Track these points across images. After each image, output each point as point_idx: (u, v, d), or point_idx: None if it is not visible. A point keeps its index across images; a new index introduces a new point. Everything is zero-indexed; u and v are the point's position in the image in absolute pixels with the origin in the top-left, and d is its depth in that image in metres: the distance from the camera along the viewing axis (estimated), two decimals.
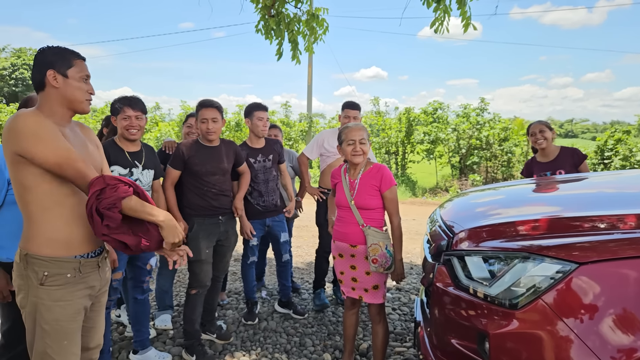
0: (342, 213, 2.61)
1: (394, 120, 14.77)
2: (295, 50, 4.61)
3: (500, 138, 13.07)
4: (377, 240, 2.44)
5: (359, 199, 2.51)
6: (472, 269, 1.74)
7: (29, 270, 1.61)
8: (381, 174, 2.51)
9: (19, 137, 1.52)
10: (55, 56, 1.66)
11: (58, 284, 1.63)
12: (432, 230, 2.28)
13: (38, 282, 1.60)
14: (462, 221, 2.04)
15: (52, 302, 1.62)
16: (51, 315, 1.62)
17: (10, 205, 2.03)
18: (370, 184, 2.51)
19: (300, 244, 6.08)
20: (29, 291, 1.62)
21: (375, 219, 2.52)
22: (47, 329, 1.62)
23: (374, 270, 2.46)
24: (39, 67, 1.65)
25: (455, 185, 12.89)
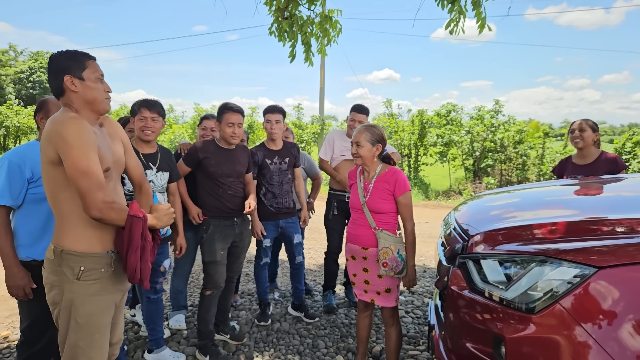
0: (355, 215, 2.60)
1: (406, 123, 14.70)
2: (308, 52, 4.63)
3: (515, 140, 12.91)
4: (388, 244, 2.43)
5: (372, 202, 2.50)
6: (487, 272, 1.72)
7: (64, 266, 1.66)
8: (395, 178, 2.48)
9: (63, 141, 1.57)
10: (69, 61, 1.70)
11: (93, 279, 1.69)
12: (446, 233, 2.26)
13: (74, 277, 1.66)
14: (478, 224, 2.02)
15: (87, 297, 1.68)
16: (85, 309, 1.68)
17: (30, 204, 2.07)
18: (384, 188, 2.49)
19: (312, 245, 6.08)
20: (64, 287, 1.68)
21: (388, 223, 2.50)
22: (81, 322, 1.68)
23: (383, 274, 2.46)
24: (55, 74, 1.70)
25: (469, 188, 12.77)
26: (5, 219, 2.03)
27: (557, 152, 12.13)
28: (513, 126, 13.12)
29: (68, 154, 1.57)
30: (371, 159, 2.54)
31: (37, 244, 2.08)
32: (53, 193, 1.68)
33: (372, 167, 2.56)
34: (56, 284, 1.69)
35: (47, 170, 1.66)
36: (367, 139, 2.51)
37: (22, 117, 20.49)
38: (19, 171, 2.03)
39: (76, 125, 1.60)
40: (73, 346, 1.69)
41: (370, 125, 2.57)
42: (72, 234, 1.67)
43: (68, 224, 1.68)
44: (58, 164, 1.62)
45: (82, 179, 1.57)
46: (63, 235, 1.68)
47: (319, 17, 4.53)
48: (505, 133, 12.87)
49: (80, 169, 1.57)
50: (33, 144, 2.14)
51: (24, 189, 2.05)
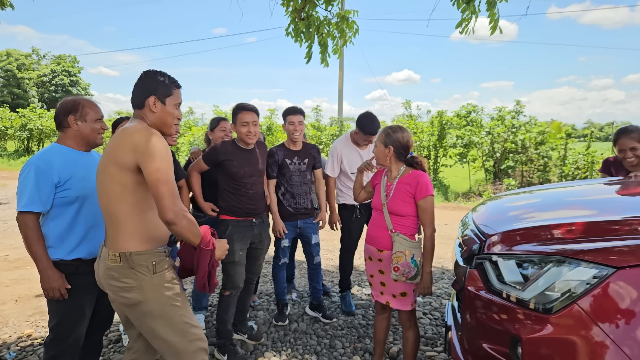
0: (375, 216, 2.61)
1: (426, 124, 14.59)
2: (324, 53, 4.65)
3: (536, 142, 12.69)
4: (402, 248, 2.41)
5: (392, 204, 2.49)
6: (505, 272, 1.71)
7: (137, 266, 1.78)
8: (417, 181, 2.44)
9: (149, 153, 1.69)
10: (159, 84, 1.87)
11: (164, 268, 1.85)
12: (464, 233, 2.25)
13: (151, 273, 1.80)
14: (495, 224, 2.01)
15: (169, 282, 1.84)
16: (174, 291, 1.85)
17: (58, 207, 2.11)
18: (406, 190, 2.47)
19: (330, 247, 6.10)
20: (144, 284, 1.79)
21: (407, 226, 2.48)
22: (178, 303, 1.85)
23: (394, 278, 2.44)
24: (142, 89, 1.86)
25: (489, 189, 12.60)
26: (37, 224, 2.07)
27: (579, 153, 11.88)
28: (534, 127, 12.89)
29: (151, 162, 1.68)
30: (384, 159, 2.56)
31: (62, 245, 2.14)
32: (116, 196, 1.76)
33: (395, 168, 2.56)
34: (133, 284, 1.79)
35: (115, 173, 1.74)
36: (380, 140, 2.56)
37: (45, 120, 20.73)
38: (47, 176, 2.06)
39: (161, 140, 1.74)
40: (181, 323, 1.84)
41: (389, 128, 2.57)
42: (134, 237, 1.79)
43: (126, 228, 1.78)
44: (132, 170, 1.72)
45: (164, 186, 1.68)
46: (125, 240, 1.79)
47: (335, 18, 4.56)
48: (526, 134, 12.65)
49: (163, 178, 1.68)
50: (56, 147, 2.18)
51: (52, 193, 2.08)
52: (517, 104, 13.90)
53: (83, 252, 2.17)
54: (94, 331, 2.40)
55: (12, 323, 3.63)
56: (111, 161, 1.75)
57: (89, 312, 2.26)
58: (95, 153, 2.35)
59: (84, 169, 2.18)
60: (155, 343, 1.87)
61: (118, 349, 3.14)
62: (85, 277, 2.17)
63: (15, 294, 4.32)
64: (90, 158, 2.26)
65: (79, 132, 2.20)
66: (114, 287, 1.81)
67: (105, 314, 2.42)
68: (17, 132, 20.93)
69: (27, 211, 2.04)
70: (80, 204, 2.15)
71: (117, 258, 1.78)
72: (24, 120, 20.83)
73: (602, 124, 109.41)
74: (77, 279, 2.16)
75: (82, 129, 2.20)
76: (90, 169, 2.19)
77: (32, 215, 2.06)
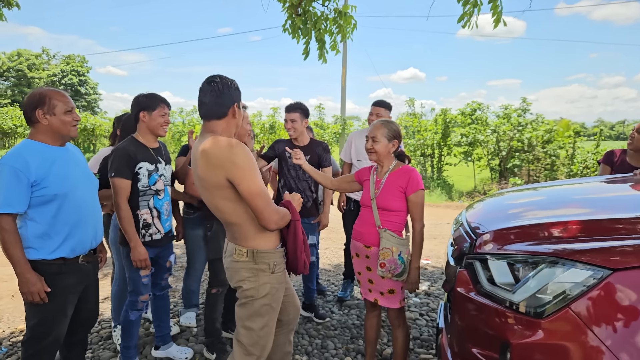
0: (363, 212, 2.53)
1: (429, 122, 14.44)
2: (322, 49, 4.56)
3: (543, 140, 12.50)
4: (390, 245, 2.33)
5: (381, 199, 2.41)
6: (495, 273, 1.62)
7: (260, 263, 1.92)
8: (408, 176, 2.39)
9: (236, 167, 1.77)
10: (237, 92, 1.96)
11: (281, 270, 1.99)
12: (455, 231, 2.16)
13: (270, 271, 1.93)
14: (489, 223, 1.91)
15: (279, 285, 1.98)
16: (278, 294, 1.99)
17: (35, 207, 2.02)
18: (396, 185, 2.40)
19: (328, 245, 6.01)
20: (260, 280, 1.93)
21: (394, 222, 2.41)
22: (275, 307, 1.99)
23: (380, 275, 2.36)
24: (225, 99, 1.90)
25: (495, 189, 12.43)
26: (13, 226, 1.98)
27: (588, 152, 11.69)
28: (541, 125, 12.71)
29: (242, 178, 1.77)
30: (386, 156, 2.47)
31: (44, 245, 2.05)
32: (229, 210, 1.87)
33: (386, 163, 2.49)
34: (252, 279, 1.92)
35: (222, 193, 1.83)
36: (383, 135, 2.44)
37: None
38: (22, 176, 1.95)
39: (244, 150, 1.80)
40: (263, 327, 1.95)
41: (387, 121, 2.50)
42: (259, 236, 1.92)
43: (252, 229, 1.90)
44: (228, 186, 1.80)
45: (257, 200, 1.78)
46: (253, 238, 1.92)
47: (333, 13, 4.46)
48: (533, 132, 12.47)
49: (255, 191, 1.78)
50: (30, 144, 2.06)
51: (28, 193, 1.98)
52: (524, 102, 13.71)
53: (66, 251, 2.09)
54: (77, 330, 2.33)
55: (7, 318, 3.62)
56: (211, 183, 1.83)
57: (71, 312, 2.18)
58: (71, 146, 2.25)
59: (61, 166, 2.08)
60: (239, 331, 1.99)
61: (108, 346, 3.08)
62: (68, 277, 2.10)
63: (12, 290, 4.31)
64: (67, 153, 2.16)
65: (49, 127, 2.07)
66: (235, 280, 1.96)
67: (89, 312, 2.34)
68: (27, 131, 21.24)
69: (3, 213, 1.94)
70: (60, 203, 2.05)
71: (244, 254, 1.92)
72: None
73: (612, 123, 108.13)
74: (60, 279, 2.08)
75: (52, 122, 2.07)
76: (68, 165, 2.11)
77: (8, 217, 1.96)
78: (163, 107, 2.60)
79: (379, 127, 2.46)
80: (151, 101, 2.58)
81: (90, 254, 2.21)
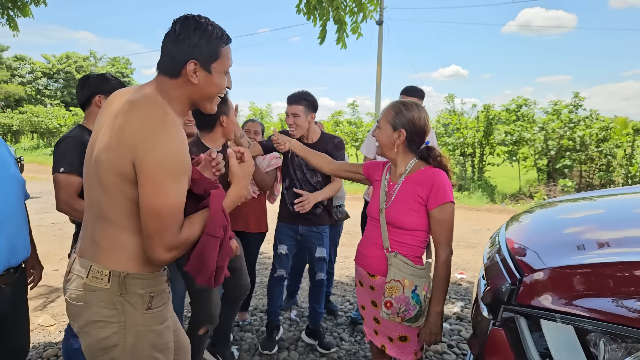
0: (369, 226, 1.92)
1: (470, 119, 13.50)
2: (341, 32, 3.97)
3: (598, 138, 11.33)
4: (400, 276, 1.69)
5: (393, 211, 1.78)
6: (552, 344, 0.99)
7: (130, 295, 1.24)
8: (432, 181, 1.73)
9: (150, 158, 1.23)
10: (206, 43, 1.38)
11: (163, 303, 1.33)
12: (489, 259, 1.52)
13: (145, 307, 1.26)
14: (541, 252, 1.28)
15: (161, 326, 1.31)
16: (163, 339, 1.32)
17: None
18: (414, 194, 1.75)
19: (349, 253, 5.39)
20: (128, 322, 1.25)
21: (409, 245, 1.77)
22: (161, 357, 1.31)
23: (384, 317, 1.74)
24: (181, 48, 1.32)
25: (542, 191, 11.39)
26: None
27: None
28: (596, 122, 11.53)
29: (151, 178, 1.24)
30: (390, 148, 1.83)
31: None
32: (119, 199, 1.24)
33: (402, 161, 1.84)
34: (115, 319, 1.24)
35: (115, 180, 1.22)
36: (388, 120, 1.81)
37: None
38: None
39: (179, 138, 1.32)
40: None
41: (402, 103, 1.83)
42: (140, 253, 1.24)
43: (132, 238, 1.24)
44: (129, 178, 1.21)
45: (154, 220, 1.22)
46: (127, 253, 1.24)
47: None
48: (586, 130, 11.33)
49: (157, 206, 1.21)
50: None
51: None
52: (576, 97, 12.54)
53: None
54: None
55: None
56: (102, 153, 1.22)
57: None
58: None
59: None
60: None
61: None
62: None
63: None
64: None
65: None
66: (83, 320, 1.24)
67: (11, 349, 1.85)
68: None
69: None
70: None
71: (105, 278, 1.22)
72: (76, 118, 22.04)
73: None
74: None
75: None
76: None
77: None
78: None
79: (387, 110, 1.85)
80: (107, 84, 2.11)
81: (8, 274, 1.73)
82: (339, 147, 2.81)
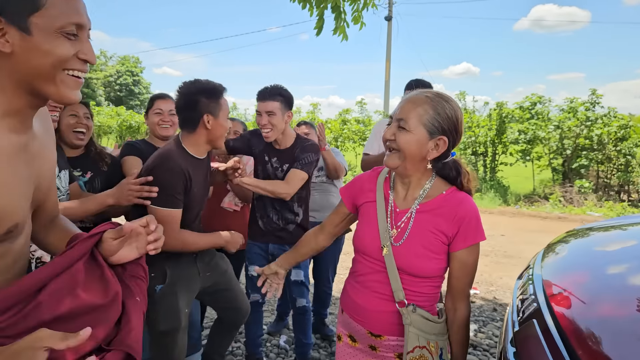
0: (363, 267, 1.40)
1: (482, 117, 13.01)
2: (339, 20, 3.57)
3: (616, 137, 10.80)
4: (425, 339, 1.25)
5: (404, 253, 1.29)
6: None
7: None
8: (463, 214, 1.28)
9: None
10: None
11: None
12: (522, 310, 1.12)
13: None
14: (597, 323, 0.87)
15: None
16: None
17: None
18: (435, 229, 1.28)
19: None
20: None
21: (426, 294, 1.34)
22: None
23: None
24: None
25: (557, 192, 10.89)
26: None
27: None
28: (614, 120, 10.99)
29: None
30: (419, 162, 1.29)
31: None
32: None
33: (419, 179, 1.34)
34: None
35: None
36: (422, 121, 1.24)
37: (102, 117, 21.96)
38: None
39: None
40: None
41: (440, 96, 1.28)
42: None
43: None
44: None
45: None
46: None
47: None
48: (604, 128, 10.80)
49: None
50: None
51: None
52: (593, 94, 12.01)
53: None
54: None
55: None
56: None
57: None
58: None
59: None
60: None
61: None
62: None
63: None
64: None
65: None
66: None
67: None
68: None
69: None
70: None
71: None
72: None
73: None
74: None
75: None
76: None
77: None
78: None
79: (419, 103, 1.26)
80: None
81: None
82: (306, 150, 2.33)
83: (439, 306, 1.38)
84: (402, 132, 1.25)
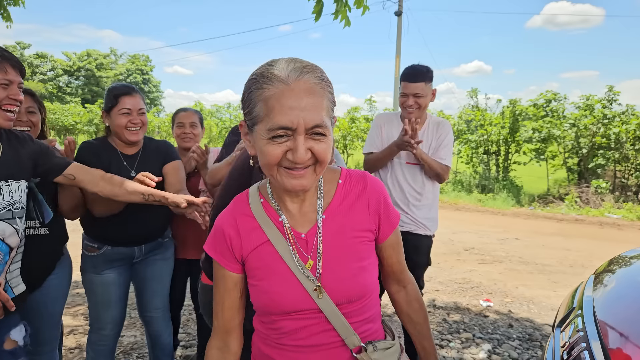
0: (290, 323, 0.97)
1: (495, 115, 12.62)
2: (340, 4, 3.26)
3: (635, 136, 10.35)
4: None
5: (333, 279, 0.95)
6: None
7: None
8: (375, 196, 1.02)
9: None
10: None
11: None
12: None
13: None
14: None
15: None
16: None
17: None
18: (355, 232, 0.99)
19: None
20: None
21: (374, 314, 1.03)
22: None
23: None
24: None
25: (573, 192, 10.47)
26: None
27: None
28: (632, 118, 10.54)
29: None
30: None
31: None
32: None
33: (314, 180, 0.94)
34: None
35: None
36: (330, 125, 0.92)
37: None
38: None
39: None
40: None
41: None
42: None
43: None
44: None
45: None
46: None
47: None
48: (622, 126, 10.36)
49: None
50: None
51: None
52: (610, 90, 11.59)
53: None
54: None
55: None
56: None
57: None
58: None
59: None
60: None
61: None
62: None
63: None
64: None
65: None
66: None
67: None
68: (85, 127, 22.06)
69: None
70: None
71: None
72: (91, 115, 22.07)
73: None
74: None
75: None
76: None
77: None
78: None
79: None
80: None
81: None
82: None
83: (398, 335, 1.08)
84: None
